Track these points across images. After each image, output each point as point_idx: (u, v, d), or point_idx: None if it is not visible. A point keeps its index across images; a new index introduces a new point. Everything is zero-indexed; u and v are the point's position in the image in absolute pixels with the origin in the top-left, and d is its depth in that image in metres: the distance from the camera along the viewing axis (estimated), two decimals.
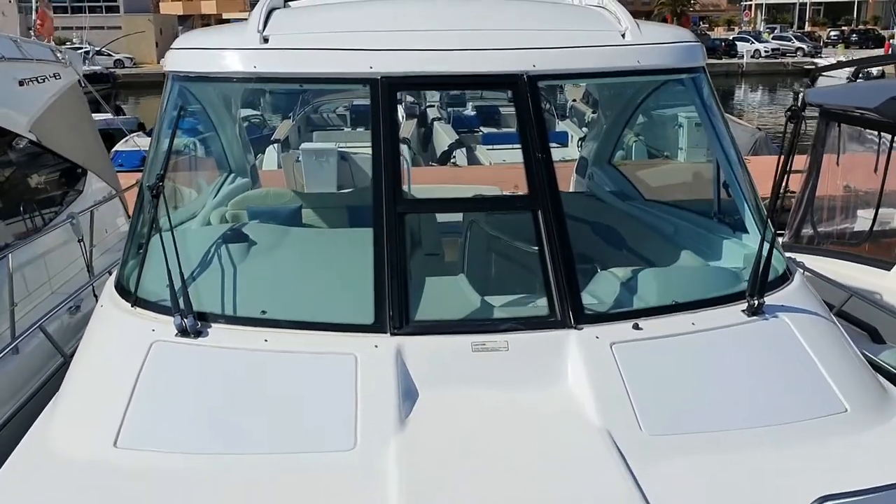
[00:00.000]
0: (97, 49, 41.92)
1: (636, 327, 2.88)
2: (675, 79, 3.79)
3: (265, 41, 3.24)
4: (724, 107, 3.98)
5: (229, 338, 2.87)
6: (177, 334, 2.87)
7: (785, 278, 3.29)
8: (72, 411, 2.84)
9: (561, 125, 16.96)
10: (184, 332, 2.86)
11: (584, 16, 3.71)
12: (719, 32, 66.01)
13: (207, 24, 60.67)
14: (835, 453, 2.58)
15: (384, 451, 2.47)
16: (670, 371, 2.78)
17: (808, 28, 68.55)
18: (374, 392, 2.64)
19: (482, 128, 18.30)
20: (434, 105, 19.31)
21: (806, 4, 72.99)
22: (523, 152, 3.12)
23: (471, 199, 4.08)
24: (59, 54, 6.18)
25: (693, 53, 3.52)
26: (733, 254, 3.66)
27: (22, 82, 5.38)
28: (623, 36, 3.37)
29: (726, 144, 3.71)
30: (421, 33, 3.29)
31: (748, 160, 5.52)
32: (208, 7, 64.22)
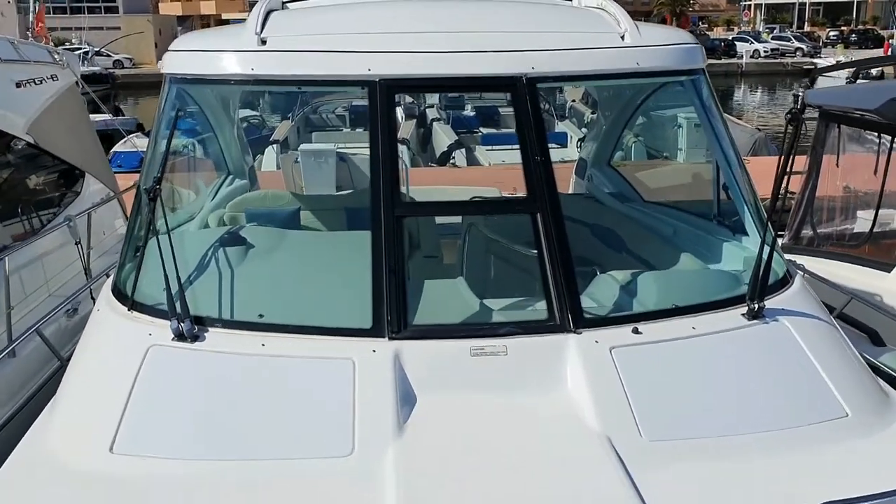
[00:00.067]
0: (96, 49, 41.92)
1: (636, 331, 2.86)
2: (675, 81, 3.77)
3: (263, 43, 3.22)
4: (723, 107, 3.96)
5: (226, 342, 2.85)
6: (173, 338, 2.85)
7: (785, 282, 3.28)
8: (67, 417, 2.82)
9: (560, 125, 16.96)
10: (180, 336, 2.84)
11: (583, 17, 3.69)
12: (718, 32, 65.98)
13: (207, 24, 60.73)
14: (836, 459, 2.56)
15: (382, 457, 2.45)
16: (670, 376, 2.76)
17: (807, 28, 68.56)
18: (372, 397, 2.62)
19: (481, 128, 18.29)
20: (433, 106, 19.28)
21: (805, 4, 72.99)
22: (522, 155, 3.10)
23: (469, 202, 4.06)
24: (56, 56, 6.16)
25: (693, 55, 3.51)
26: (733, 256, 3.64)
27: (19, 84, 5.36)
28: (622, 38, 3.35)
29: (726, 146, 3.69)
30: (419, 35, 3.26)
31: (747, 160, 5.51)
32: (207, 7, 64.23)
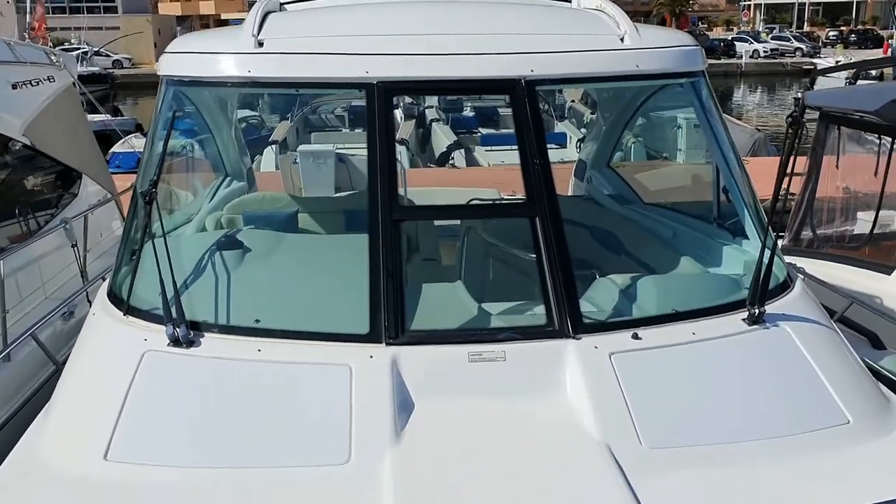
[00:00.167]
0: (95, 49, 41.89)
1: (635, 337, 2.83)
2: (675, 83, 3.75)
3: (260, 45, 3.20)
4: (722, 107, 3.94)
5: (222, 347, 2.82)
6: (169, 344, 2.82)
7: (786, 286, 3.25)
8: (61, 423, 2.79)
9: (559, 126, 16.94)
10: (176, 341, 2.81)
11: (582, 19, 3.66)
12: (718, 32, 65.96)
13: (206, 24, 60.73)
14: (838, 466, 2.54)
15: (379, 465, 2.42)
16: (670, 382, 2.73)
17: (806, 28, 68.55)
18: (369, 404, 2.60)
19: (481, 129, 18.26)
20: (433, 106, 19.26)
21: (805, 4, 72.96)
22: (521, 158, 3.07)
23: (468, 206, 4.03)
24: (53, 57, 6.13)
25: (692, 57, 3.48)
26: (733, 260, 3.62)
27: (15, 86, 5.34)
28: (622, 40, 3.32)
29: (726, 149, 3.67)
30: (417, 37, 3.23)
31: (747, 161, 5.49)
32: (207, 7, 64.19)
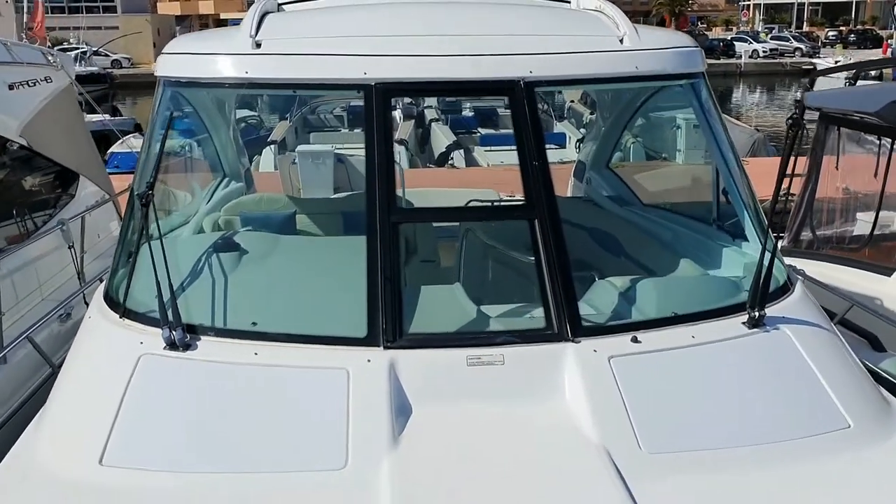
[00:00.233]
0: (94, 49, 41.88)
1: (635, 340, 2.81)
2: (674, 84, 3.73)
3: (257, 46, 3.18)
4: (721, 107, 3.93)
5: (219, 351, 2.80)
6: (165, 347, 2.80)
7: (786, 289, 3.23)
8: (57, 427, 2.77)
9: (559, 126, 16.93)
10: (172, 345, 2.79)
11: (581, 20, 3.64)
12: (717, 32, 65.99)
13: (205, 24, 60.70)
14: (839, 471, 2.52)
15: (376, 470, 2.40)
16: (670, 386, 2.71)
17: (806, 28, 68.58)
18: (367, 408, 2.57)
19: (480, 129, 18.26)
20: (432, 106, 19.25)
21: (804, 4, 72.99)
22: (520, 160, 3.05)
23: (467, 207, 4.01)
24: (50, 57, 6.11)
25: (692, 59, 3.46)
26: (733, 262, 3.60)
27: (12, 86, 5.32)
28: (621, 41, 3.30)
29: (725, 150, 3.65)
30: (416, 38, 3.21)
31: (746, 162, 5.47)
32: (206, 7, 64.15)
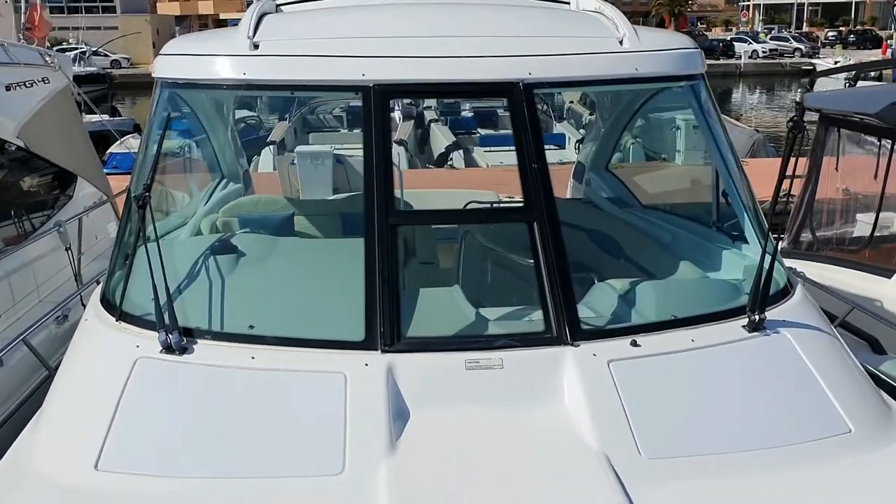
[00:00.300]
0: (94, 49, 41.85)
1: (634, 344, 2.79)
2: (674, 86, 3.71)
3: (255, 47, 3.16)
4: (721, 108, 3.91)
5: (215, 355, 2.78)
6: (161, 351, 2.78)
7: (786, 292, 3.21)
8: (52, 431, 2.75)
9: (558, 127, 16.91)
10: (168, 348, 2.77)
11: (581, 22, 3.62)
12: (717, 33, 65.98)
13: (205, 24, 60.65)
14: (840, 476, 2.50)
15: (373, 475, 2.38)
16: (669, 390, 2.69)
17: (805, 28, 68.57)
18: (364, 413, 2.55)
19: (480, 129, 18.23)
20: (431, 107, 19.23)
21: (804, 5, 72.97)
22: (518, 162, 3.04)
23: (465, 210, 4.00)
24: (47, 58, 6.09)
25: (692, 60, 3.44)
26: (733, 265, 3.58)
27: (8, 87, 5.30)
28: (621, 43, 3.28)
29: (725, 152, 3.63)
30: (414, 40, 3.19)
31: (746, 162, 5.45)
32: (205, 7, 64.06)
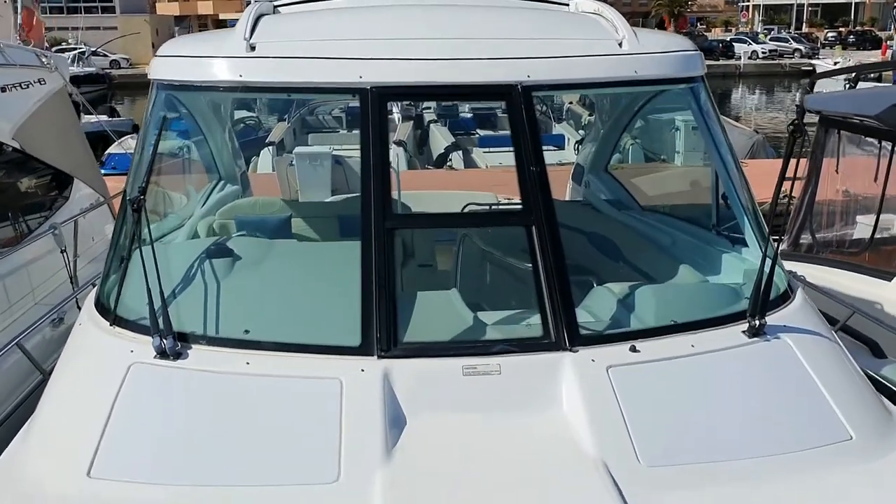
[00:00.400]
0: (93, 49, 41.85)
1: (633, 349, 2.76)
2: (674, 88, 3.69)
3: (252, 49, 3.13)
4: (721, 109, 3.89)
5: (210, 360, 2.75)
6: (156, 356, 2.75)
7: (786, 296, 3.18)
8: (44, 437, 2.72)
9: (557, 128, 16.89)
10: (163, 353, 2.74)
11: (580, 24, 3.60)
12: (717, 33, 66.01)
13: (204, 24, 60.63)
14: (841, 484, 2.47)
15: (369, 484, 2.35)
16: (669, 397, 2.66)
17: (805, 29, 68.59)
18: (360, 420, 2.52)
19: (479, 130, 18.21)
20: (430, 108, 19.21)
21: (803, 5, 72.98)
22: (517, 165, 3.01)
23: (463, 214, 3.97)
24: (44, 59, 6.06)
25: (692, 63, 3.42)
26: (733, 269, 3.55)
27: (4, 88, 5.27)
28: (620, 45, 3.26)
29: (724, 154, 3.60)
30: (412, 42, 3.17)
31: (745, 164, 5.43)
32: (205, 7, 64.03)
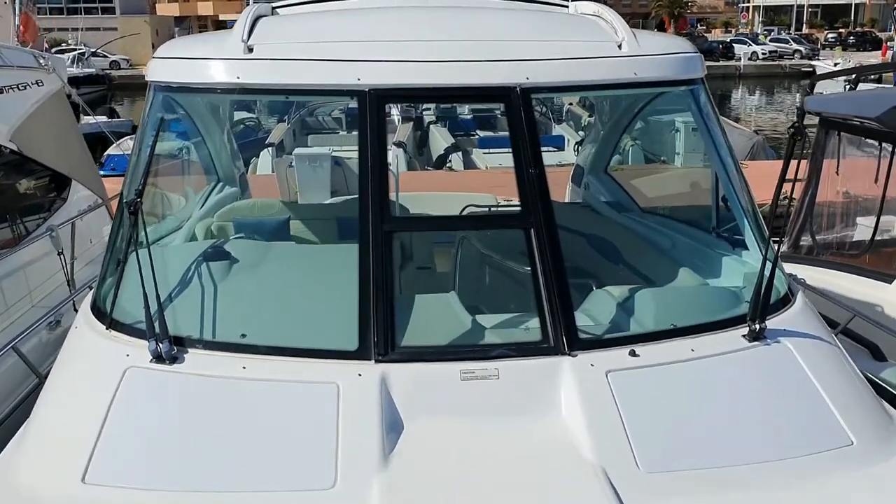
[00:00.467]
0: (93, 50, 41.87)
1: (633, 354, 2.74)
2: (674, 90, 3.67)
3: (250, 51, 3.11)
4: (720, 110, 3.87)
5: (206, 364, 2.72)
6: (152, 360, 2.73)
7: (787, 300, 3.16)
8: (39, 442, 2.70)
9: (557, 129, 16.87)
10: (159, 358, 2.72)
11: (579, 25, 3.58)
12: (717, 34, 66.05)
13: (204, 25, 60.63)
14: (841, 490, 2.46)
15: (366, 490, 2.33)
16: (668, 402, 2.64)
17: (805, 30, 68.61)
18: (357, 425, 2.50)
19: (478, 131, 18.19)
20: (430, 109, 19.19)
21: (803, 7, 72.99)
22: (516, 168, 2.99)
23: (461, 217, 3.95)
24: (41, 60, 6.04)
25: (692, 65, 3.40)
26: (733, 272, 3.53)
27: (1, 90, 5.25)
28: (620, 47, 3.24)
29: (724, 156, 3.58)
30: (410, 44, 3.15)
31: (745, 165, 5.41)
32: (205, 8, 64.00)
